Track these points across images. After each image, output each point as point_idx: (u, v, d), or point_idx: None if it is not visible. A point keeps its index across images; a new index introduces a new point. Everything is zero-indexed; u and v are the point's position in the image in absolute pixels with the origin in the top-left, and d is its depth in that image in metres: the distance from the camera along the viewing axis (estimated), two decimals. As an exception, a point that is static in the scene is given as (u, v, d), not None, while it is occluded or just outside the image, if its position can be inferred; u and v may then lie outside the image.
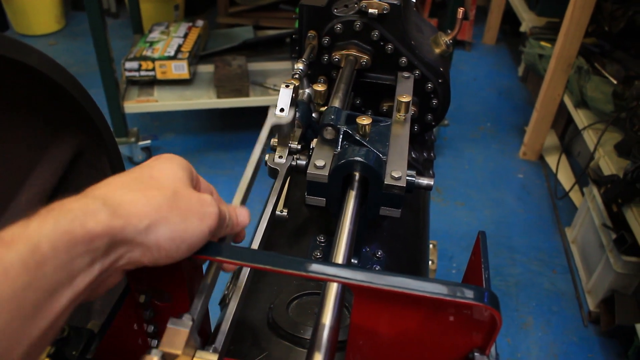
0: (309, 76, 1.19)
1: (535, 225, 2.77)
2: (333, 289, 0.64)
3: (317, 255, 0.97)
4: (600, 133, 2.52)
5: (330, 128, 0.89)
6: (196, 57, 3.06)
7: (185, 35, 3.09)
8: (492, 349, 0.63)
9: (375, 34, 1.12)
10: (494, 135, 3.45)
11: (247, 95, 2.88)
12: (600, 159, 2.47)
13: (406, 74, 1.15)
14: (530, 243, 2.66)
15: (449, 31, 1.26)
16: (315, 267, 0.58)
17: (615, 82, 2.67)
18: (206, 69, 3.08)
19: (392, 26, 1.13)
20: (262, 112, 3.13)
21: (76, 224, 0.46)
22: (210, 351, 0.60)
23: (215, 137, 3.26)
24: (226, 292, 1.02)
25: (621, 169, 2.25)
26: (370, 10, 1.10)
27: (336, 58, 1.15)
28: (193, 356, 0.58)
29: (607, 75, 2.73)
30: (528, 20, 3.76)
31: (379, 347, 0.66)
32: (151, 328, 0.72)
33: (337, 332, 0.64)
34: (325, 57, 1.16)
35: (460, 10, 1.21)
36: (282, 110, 0.89)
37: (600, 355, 2.17)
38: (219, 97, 2.87)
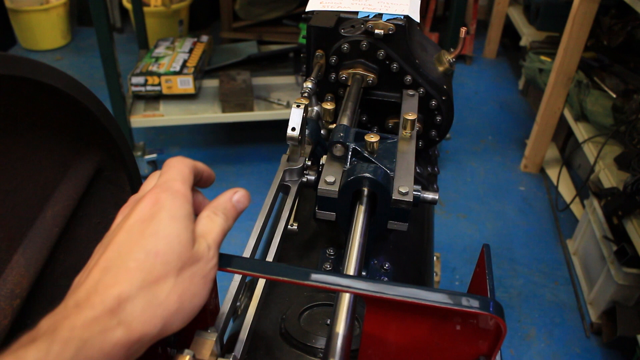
0: (317, 94, 1.23)
1: (537, 237, 2.80)
2: (345, 299, 0.68)
3: (327, 267, 1.00)
4: (600, 146, 2.56)
5: (339, 145, 0.93)
6: (201, 72, 3.11)
7: (191, 51, 3.14)
8: (497, 357, 0.66)
9: (381, 53, 1.16)
10: (495, 148, 3.49)
11: (251, 109, 2.92)
12: (600, 171, 2.51)
13: (411, 92, 1.18)
14: (532, 255, 2.69)
15: (452, 49, 1.30)
16: (330, 278, 0.61)
17: (614, 95, 2.72)
18: (211, 83, 3.13)
19: (397, 46, 1.17)
20: (266, 126, 3.17)
21: (95, 349, 0.45)
22: (231, 359, 0.63)
23: (220, 150, 3.30)
24: (238, 304, 1.05)
25: (621, 182, 2.28)
26: (377, 31, 1.13)
27: (343, 76, 1.19)
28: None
29: (606, 89, 2.78)
30: (528, 34, 3.81)
31: (389, 355, 0.69)
32: (171, 337, 0.76)
33: (350, 340, 0.67)
34: (333, 76, 1.20)
35: (463, 30, 1.25)
36: (293, 129, 0.93)
37: (602, 366, 2.19)
38: (223, 111, 2.91)
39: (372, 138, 0.93)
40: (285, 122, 0.99)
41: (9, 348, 0.44)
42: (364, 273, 1.01)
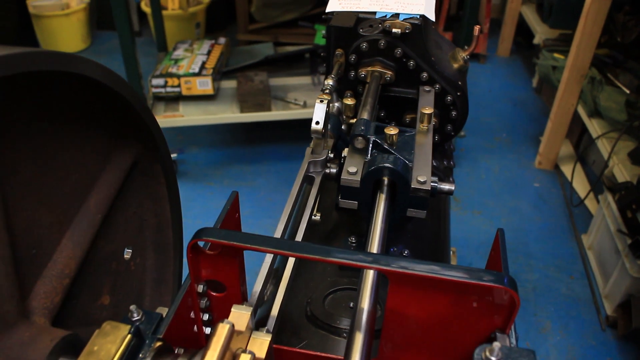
0: (337, 91, 1.28)
1: (552, 233, 2.83)
2: (370, 277, 0.73)
3: (349, 254, 1.05)
4: (614, 141, 2.58)
5: (360, 138, 0.98)
6: (219, 74, 3.18)
7: (209, 53, 3.21)
8: (512, 329, 0.71)
9: (399, 51, 1.21)
10: (510, 145, 3.52)
11: (269, 109, 2.98)
12: (614, 166, 2.54)
13: (427, 88, 1.23)
14: (547, 250, 2.72)
15: (466, 47, 1.34)
16: (357, 257, 0.66)
17: (628, 91, 2.74)
18: (229, 84, 3.20)
19: (414, 44, 1.22)
20: (283, 126, 3.23)
21: None
22: (264, 332, 0.69)
23: (238, 150, 3.37)
24: (266, 291, 1.11)
25: (635, 176, 2.31)
26: (394, 30, 1.19)
27: (362, 74, 1.24)
28: (250, 335, 0.67)
29: (620, 85, 2.80)
30: (541, 32, 3.84)
31: (410, 330, 0.74)
32: (206, 316, 0.81)
33: (375, 315, 0.72)
34: (352, 74, 1.25)
35: (477, 28, 1.30)
36: (317, 123, 0.98)
37: (619, 359, 2.22)
38: (242, 111, 2.98)
39: (392, 131, 0.98)
40: (302, 122, 1.04)
41: None
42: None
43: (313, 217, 1.06)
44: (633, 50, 3.12)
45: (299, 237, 0.93)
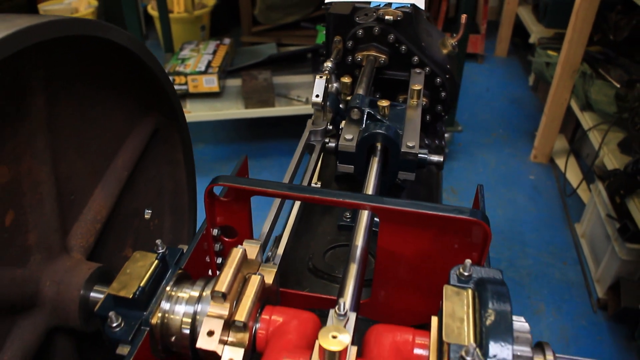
0: (336, 75, 1.39)
1: (546, 222, 2.93)
2: (364, 218, 0.84)
3: (347, 215, 1.17)
4: (604, 133, 2.69)
5: (356, 109, 1.09)
6: (224, 72, 3.30)
7: (214, 52, 3.34)
8: (486, 263, 0.82)
9: (391, 37, 1.33)
10: (506, 140, 3.62)
11: (272, 105, 3.10)
12: (604, 156, 2.64)
13: (418, 70, 1.35)
14: (541, 238, 2.82)
15: (454, 35, 1.46)
16: (353, 196, 0.77)
17: (618, 85, 2.85)
18: (234, 82, 3.32)
19: (405, 30, 1.33)
20: (286, 122, 3.33)
21: None
22: (271, 263, 0.80)
23: (243, 146, 3.49)
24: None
25: (624, 164, 2.42)
26: (387, 17, 1.30)
27: (359, 58, 1.35)
28: (259, 266, 0.78)
29: (610, 79, 2.91)
30: (537, 32, 3.95)
31: (399, 268, 0.85)
32: (219, 260, 0.92)
33: (367, 252, 0.83)
34: (349, 58, 1.37)
35: (464, 17, 1.42)
36: (317, 96, 1.09)
37: (608, 338, 2.32)
38: (246, 107, 3.10)
39: (384, 103, 1.10)
40: (304, 117, 1.15)
41: None
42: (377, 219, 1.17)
43: (313, 184, 1.17)
44: (624, 48, 3.23)
45: (296, 205, 1.03)
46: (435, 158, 1.13)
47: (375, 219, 1.14)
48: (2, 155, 0.68)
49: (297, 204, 1.03)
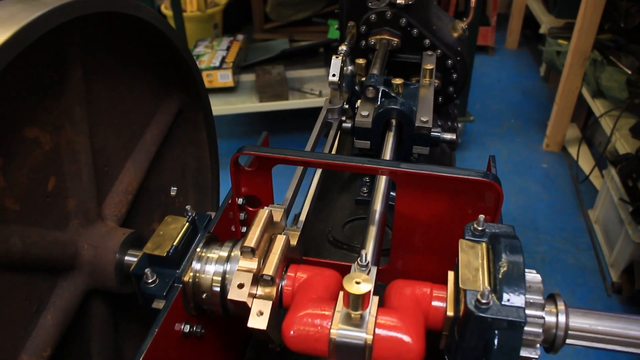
0: (350, 59, 1.44)
1: (559, 209, 2.96)
2: (382, 183, 0.88)
3: (364, 190, 1.21)
4: (615, 119, 2.71)
5: (371, 88, 1.14)
6: (239, 67, 3.35)
7: (228, 48, 3.39)
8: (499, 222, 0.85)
9: (403, 21, 1.37)
10: (518, 130, 3.65)
11: (286, 99, 3.15)
12: (616, 141, 2.66)
13: (430, 52, 1.39)
14: (554, 224, 2.85)
15: (465, 19, 1.50)
16: (370, 161, 0.82)
17: (629, 72, 2.86)
18: (248, 77, 3.37)
19: (417, 14, 1.37)
20: (300, 116, 3.37)
21: None
22: (294, 228, 0.84)
23: (257, 140, 3.53)
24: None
25: (636, 149, 2.43)
26: (399, 2, 1.34)
27: (372, 42, 1.40)
28: (283, 229, 0.82)
29: (621, 66, 2.93)
30: (547, 22, 3.97)
31: (416, 232, 0.89)
32: (244, 229, 0.97)
33: (385, 215, 0.87)
34: (363, 43, 1.41)
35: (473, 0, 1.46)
36: (334, 75, 1.14)
37: (623, 321, 2.33)
38: (260, 101, 3.15)
39: (398, 81, 1.14)
40: (318, 110, 1.20)
41: None
42: (393, 194, 1.21)
43: (331, 162, 1.21)
44: (635, 35, 3.24)
45: (316, 178, 1.07)
46: (448, 136, 1.17)
47: (392, 192, 1.18)
48: (46, 123, 0.73)
49: (317, 176, 1.07)
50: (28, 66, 0.70)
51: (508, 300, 0.64)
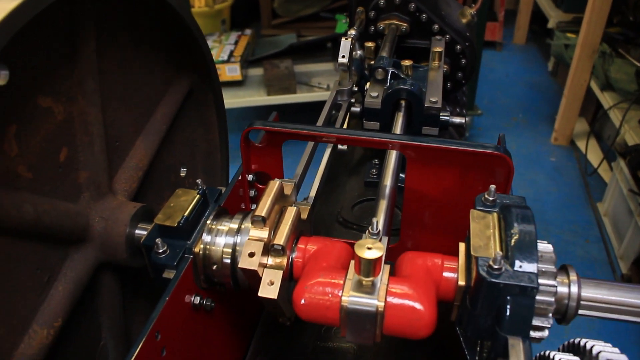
0: (359, 44, 1.44)
1: (568, 202, 2.94)
2: (392, 158, 0.88)
3: (373, 172, 1.21)
4: (624, 111, 2.69)
5: (381, 70, 1.14)
6: (246, 62, 3.36)
7: (236, 43, 3.40)
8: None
9: (412, 6, 1.37)
10: (526, 125, 3.63)
11: (294, 92, 3.16)
12: (625, 133, 2.65)
13: (438, 37, 1.38)
14: (563, 217, 2.83)
15: (473, 4, 1.49)
16: (381, 135, 0.82)
17: (638, 64, 2.85)
18: (256, 72, 3.38)
19: (426, 0, 1.37)
20: (307, 110, 3.37)
21: None
22: (305, 202, 0.84)
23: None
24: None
25: (645, 140, 2.42)
26: (408, -14, 1.34)
27: (381, 27, 1.40)
28: (294, 203, 0.83)
29: (630, 58, 2.91)
30: (555, 17, 3.95)
31: (426, 207, 0.89)
32: (254, 206, 0.97)
33: (395, 190, 0.87)
34: (372, 28, 1.41)
35: (483, -15, 1.45)
36: (343, 57, 1.14)
37: (632, 313, 2.32)
38: (268, 94, 3.15)
39: (407, 62, 1.14)
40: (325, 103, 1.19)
41: None
42: (402, 176, 1.21)
43: (340, 146, 1.21)
44: (645, 28, 3.22)
45: (325, 156, 1.07)
46: (457, 120, 1.17)
47: (401, 174, 1.18)
48: (59, 93, 0.74)
49: (327, 154, 1.07)
50: (42, 35, 0.70)
51: (520, 266, 0.64)
